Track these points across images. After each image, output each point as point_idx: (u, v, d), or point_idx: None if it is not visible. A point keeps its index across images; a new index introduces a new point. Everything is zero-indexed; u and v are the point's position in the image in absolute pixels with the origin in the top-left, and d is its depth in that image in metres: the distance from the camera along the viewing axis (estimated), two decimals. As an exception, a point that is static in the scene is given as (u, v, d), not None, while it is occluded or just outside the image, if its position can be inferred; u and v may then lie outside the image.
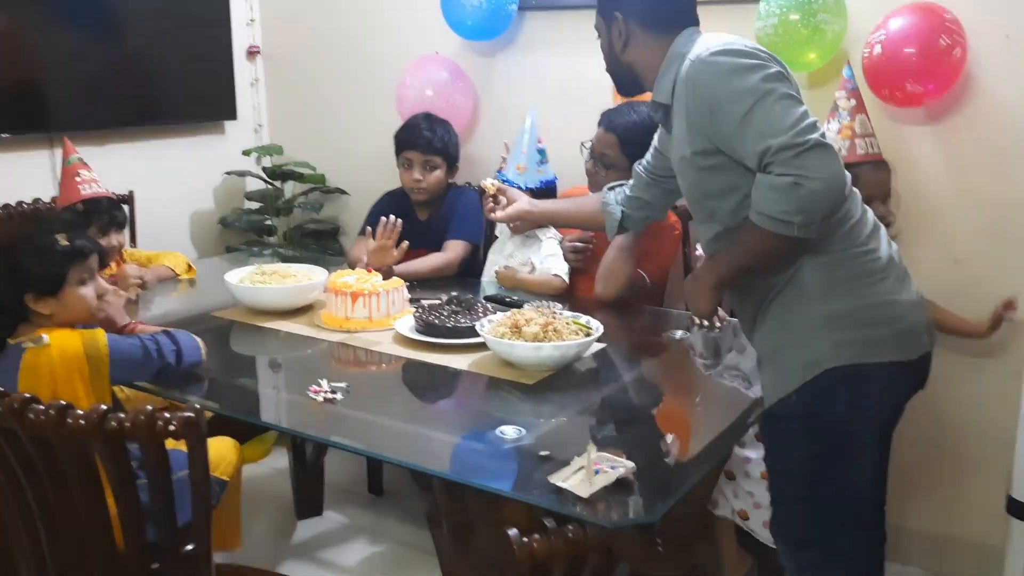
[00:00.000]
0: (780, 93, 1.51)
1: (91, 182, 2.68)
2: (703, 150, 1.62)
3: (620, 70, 1.83)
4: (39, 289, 1.76)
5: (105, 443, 1.22)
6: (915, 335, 1.63)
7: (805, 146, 1.46)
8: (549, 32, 3.04)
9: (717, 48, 1.58)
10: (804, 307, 1.61)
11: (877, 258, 1.61)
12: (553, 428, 1.72)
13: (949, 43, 2.26)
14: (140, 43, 3.25)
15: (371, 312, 2.23)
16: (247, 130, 3.69)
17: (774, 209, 1.49)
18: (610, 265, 2.44)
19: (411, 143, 2.81)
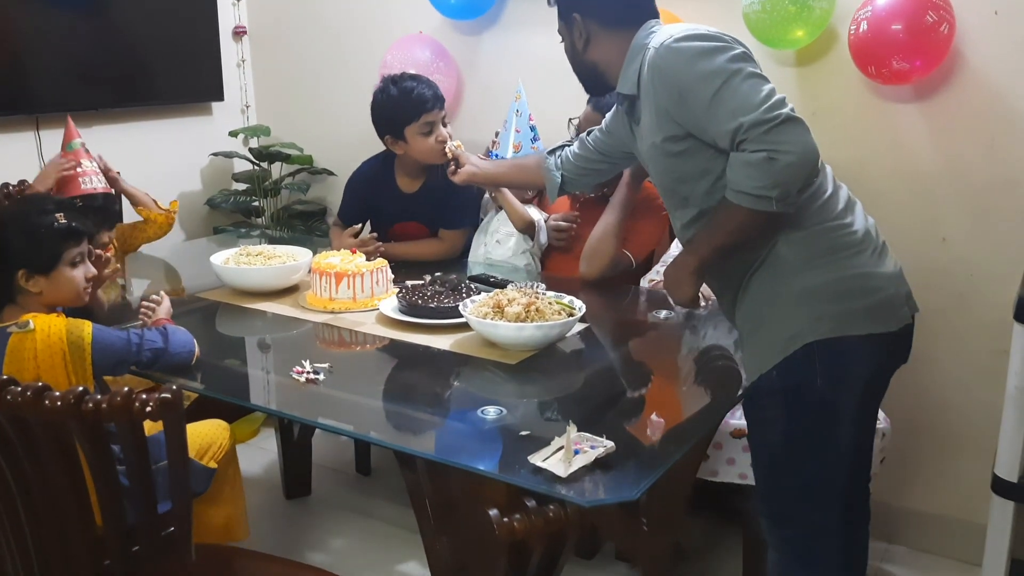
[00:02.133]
0: (747, 72, 1.53)
1: (93, 175, 2.59)
2: (672, 136, 1.63)
3: (585, 70, 1.85)
4: (33, 266, 1.76)
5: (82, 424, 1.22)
6: (894, 307, 1.64)
7: (776, 120, 1.47)
8: (533, 11, 3.02)
9: (680, 34, 1.59)
10: (781, 283, 1.62)
11: (853, 232, 1.62)
12: (535, 408, 1.73)
13: (936, 19, 2.25)
14: (126, 23, 3.23)
15: (355, 293, 2.23)
16: (234, 111, 3.67)
17: (751, 185, 1.50)
18: (595, 244, 2.44)
19: (426, 105, 2.55)
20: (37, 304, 1.79)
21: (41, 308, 1.79)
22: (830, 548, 1.71)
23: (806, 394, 1.61)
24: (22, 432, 1.25)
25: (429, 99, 2.56)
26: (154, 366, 1.80)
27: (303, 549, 2.58)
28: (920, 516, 2.61)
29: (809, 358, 1.58)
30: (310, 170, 3.54)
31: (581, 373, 1.93)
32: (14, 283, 1.77)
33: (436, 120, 2.57)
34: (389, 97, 2.61)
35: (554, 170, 2.23)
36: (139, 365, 1.79)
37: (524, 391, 1.79)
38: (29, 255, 1.77)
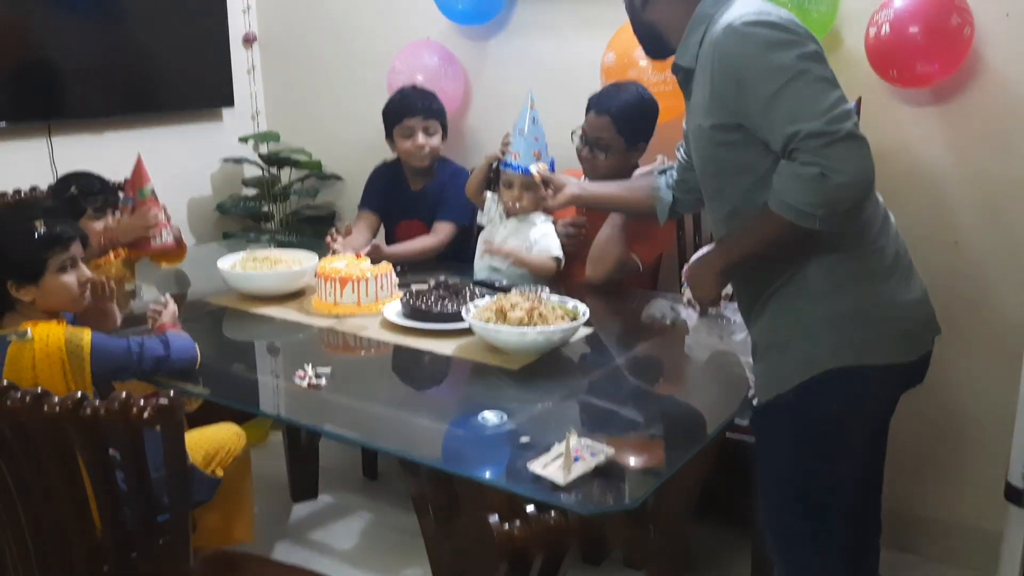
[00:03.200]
0: (815, 75, 1.42)
1: (164, 227, 2.53)
2: (722, 124, 1.53)
3: (643, 30, 1.72)
4: (18, 276, 1.76)
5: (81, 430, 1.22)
6: (916, 336, 1.59)
7: (836, 135, 1.38)
8: (541, 16, 3.01)
9: (752, 18, 1.46)
10: (805, 304, 1.55)
11: (884, 256, 1.56)
12: (536, 414, 1.71)
13: (960, 21, 2.21)
14: (138, 31, 3.25)
15: (359, 297, 2.23)
16: (244, 117, 3.69)
17: (797, 199, 1.42)
18: (601, 247, 2.43)
19: (410, 110, 2.81)
20: (36, 311, 1.79)
21: (41, 315, 1.79)
22: (838, 564, 1.67)
23: (821, 419, 1.57)
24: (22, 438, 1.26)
25: (414, 106, 2.80)
26: (156, 373, 1.80)
27: (309, 553, 2.58)
28: (933, 524, 2.57)
29: (828, 384, 1.53)
30: (319, 175, 3.55)
31: (585, 378, 1.92)
32: (8, 292, 1.77)
33: (416, 126, 2.80)
34: (389, 100, 2.88)
35: (664, 190, 2.09)
36: (141, 373, 1.79)
37: (526, 397, 1.78)
38: (13, 265, 1.76)
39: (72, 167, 2.78)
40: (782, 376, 1.58)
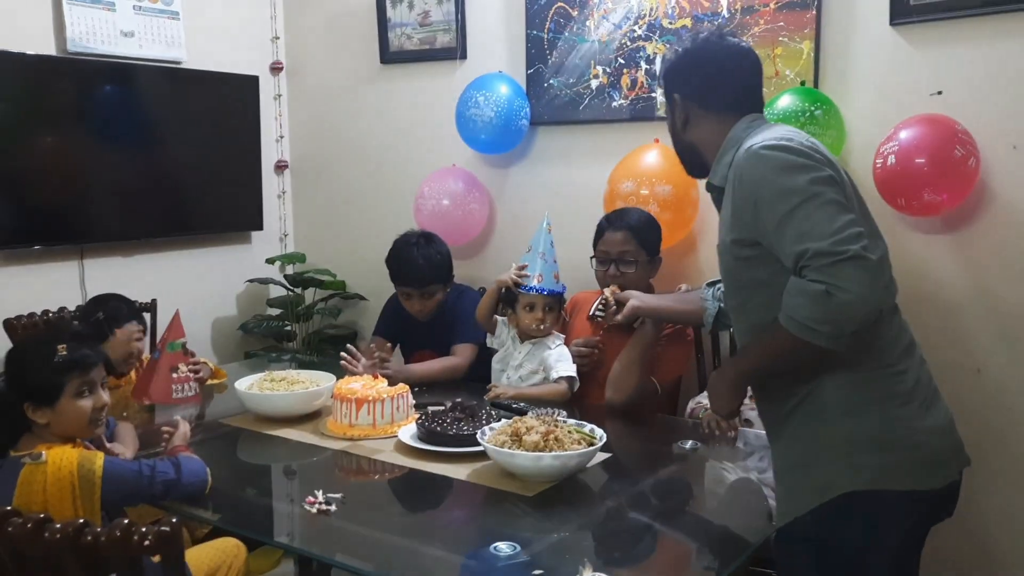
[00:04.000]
0: (827, 198, 1.46)
1: (185, 382, 2.54)
2: (741, 240, 1.58)
3: (684, 149, 1.80)
4: (35, 398, 1.77)
5: (80, 558, 1.21)
6: (939, 463, 1.55)
7: (843, 256, 1.40)
8: (559, 145, 3.12)
9: (771, 142, 1.54)
10: (822, 426, 1.54)
11: (904, 380, 1.54)
12: (551, 544, 1.65)
13: (964, 153, 2.26)
14: (174, 159, 3.39)
15: (375, 419, 2.21)
16: (272, 239, 3.79)
17: (803, 315, 1.44)
18: (621, 371, 2.42)
19: (407, 280, 2.83)
20: (50, 434, 1.79)
21: (55, 438, 1.79)
22: None
23: (840, 545, 1.53)
24: (21, 565, 1.24)
25: (410, 278, 2.82)
26: (166, 497, 1.78)
27: None
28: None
29: (845, 508, 1.51)
30: (342, 295, 3.61)
31: (602, 506, 1.87)
32: (25, 414, 1.78)
33: (413, 294, 2.83)
34: (391, 254, 2.91)
35: (711, 300, 2.18)
36: (151, 497, 1.77)
37: (541, 526, 1.73)
38: (30, 387, 1.77)
39: (102, 288, 2.86)
40: (800, 499, 1.55)
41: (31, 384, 1.77)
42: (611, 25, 2.91)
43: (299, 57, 3.77)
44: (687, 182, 2.77)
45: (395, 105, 3.51)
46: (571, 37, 2.99)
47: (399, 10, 3.39)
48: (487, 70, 3.14)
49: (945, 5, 2.39)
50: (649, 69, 2.85)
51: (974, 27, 2.37)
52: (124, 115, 3.24)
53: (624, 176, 2.82)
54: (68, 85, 3.06)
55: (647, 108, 2.88)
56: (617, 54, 2.91)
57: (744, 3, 2.67)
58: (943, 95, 2.42)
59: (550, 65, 3.05)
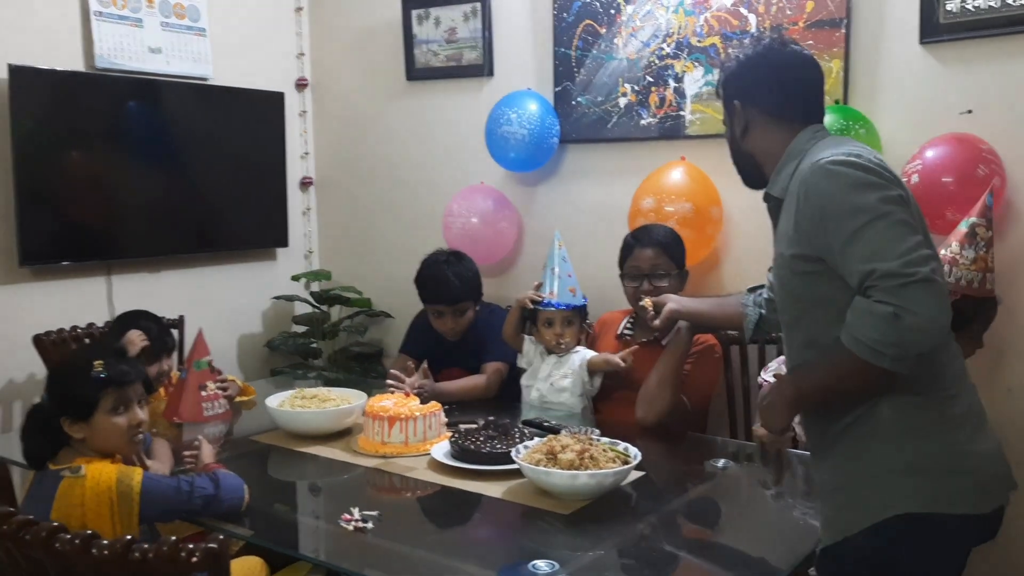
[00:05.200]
0: (897, 218, 1.44)
1: (215, 399, 2.55)
2: (803, 255, 1.55)
3: (742, 159, 1.77)
4: (71, 413, 1.78)
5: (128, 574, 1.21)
6: (991, 488, 1.54)
7: (913, 278, 1.38)
8: (587, 163, 3.13)
9: (841, 157, 1.51)
10: (879, 446, 1.52)
11: (957, 404, 1.54)
12: (590, 562, 1.65)
13: (987, 172, 2.26)
14: (199, 175, 3.41)
15: (407, 437, 2.21)
16: (298, 256, 3.81)
17: (869, 336, 1.42)
18: (652, 390, 2.41)
19: (439, 298, 2.83)
20: (88, 449, 1.80)
21: (93, 453, 1.80)
22: None
23: (891, 566, 1.51)
24: (69, 581, 1.24)
25: (442, 296, 2.81)
26: (204, 513, 1.78)
27: None
28: None
29: (900, 530, 1.49)
30: (368, 313, 3.62)
31: (637, 524, 1.86)
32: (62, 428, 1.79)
33: (445, 311, 2.83)
34: (420, 273, 2.91)
35: (751, 307, 2.14)
36: (189, 513, 1.77)
37: (578, 543, 1.72)
38: (67, 402, 1.78)
39: (128, 304, 2.87)
40: (850, 519, 1.53)
41: (67, 398, 1.79)
42: (639, 43, 2.92)
43: (325, 73, 3.80)
44: (708, 200, 2.77)
45: (421, 122, 3.53)
46: (599, 55, 3.00)
47: (425, 27, 3.42)
48: (514, 87, 3.15)
49: (974, 24, 2.39)
50: (678, 87, 2.86)
51: (1004, 46, 2.38)
52: (151, 131, 3.26)
53: (646, 193, 2.83)
54: (96, 101, 3.09)
55: (675, 126, 2.89)
56: (645, 72, 2.92)
57: (773, 21, 2.68)
58: (973, 114, 2.41)
59: (578, 83, 3.06)
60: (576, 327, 2.63)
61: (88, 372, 1.80)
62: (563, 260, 2.62)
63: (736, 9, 2.74)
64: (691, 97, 2.85)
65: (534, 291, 2.62)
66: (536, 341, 2.67)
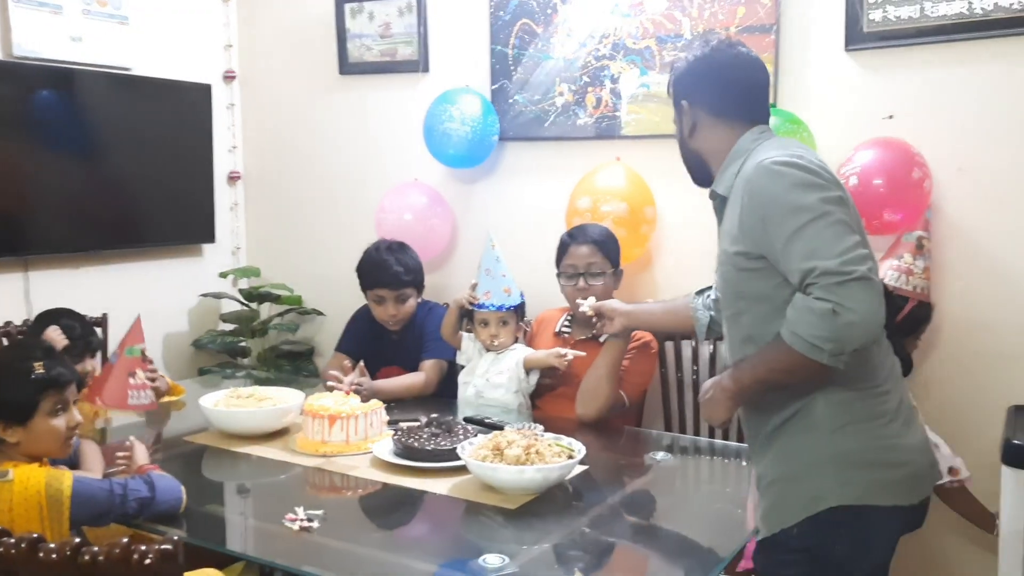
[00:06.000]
0: (836, 218, 1.49)
1: (141, 388, 2.47)
2: (746, 252, 1.60)
3: (690, 157, 1.80)
4: (7, 417, 1.70)
5: (74, 578, 1.16)
6: (919, 480, 1.61)
7: (850, 276, 1.44)
8: (523, 161, 3.15)
9: (784, 158, 1.56)
10: (813, 440, 1.58)
11: (889, 400, 1.59)
12: (538, 555, 1.66)
13: (921, 175, 2.37)
14: (121, 168, 3.30)
15: (348, 435, 2.19)
16: (225, 253, 3.72)
17: (808, 332, 1.47)
18: (591, 386, 2.44)
19: (381, 281, 2.82)
20: (18, 453, 1.73)
21: (22, 457, 1.72)
22: None
23: (826, 556, 1.57)
24: (10, 587, 1.19)
25: (385, 278, 2.81)
26: (140, 516, 1.72)
27: None
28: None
29: (832, 521, 1.55)
30: (299, 310, 3.56)
31: (583, 517, 1.88)
32: None
33: (387, 296, 2.82)
34: (363, 260, 2.90)
35: (701, 310, 2.14)
36: (123, 516, 1.71)
37: (526, 537, 1.73)
38: (3, 405, 1.71)
39: (47, 302, 2.77)
40: (786, 511, 1.59)
41: (5, 401, 1.71)
42: (576, 43, 2.96)
43: (253, 66, 3.72)
44: (643, 200, 2.83)
45: (354, 117, 3.49)
46: (536, 54, 3.03)
47: (359, 20, 3.38)
48: (450, 84, 3.15)
49: (896, 33, 2.50)
50: (614, 88, 2.91)
51: (924, 54, 2.49)
52: (71, 122, 3.14)
53: (582, 193, 2.87)
54: (13, 91, 2.96)
55: (611, 127, 2.93)
56: (582, 72, 2.95)
57: (706, 25, 2.75)
58: (894, 119, 2.52)
59: (515, 81, 3.07)
60: (512, 326, 2.64)
61: (26, 374, 1.73)
62: (496, 260, 2.63)
63: (670, 13, 2.80)
64: (627, 98, 2.90)
65: (470, 291, 2.63)
66: (475, 338, 2.68)
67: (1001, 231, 2.44)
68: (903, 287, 2.36)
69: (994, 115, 2.42)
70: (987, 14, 2.37)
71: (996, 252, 2.45)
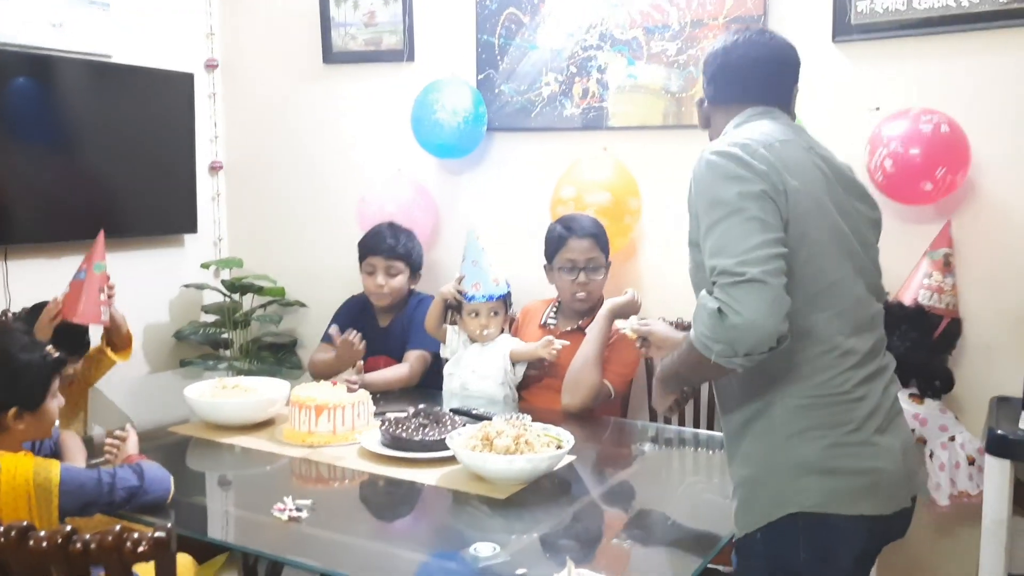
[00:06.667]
0: (749, 215, 1.44)
1: (108, 304, 2.47)
2: (695, 243, 1.57)
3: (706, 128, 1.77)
4: (24, 404, 1.71)
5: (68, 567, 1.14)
6: (889, 489, 1.53)
7: (742, 277, 1.39)
8: (509, 152, 3.14)
9: (724, 148, 1.52)
10: (772, 445, 1.53)
11: (860, 407, 1.52)
12: (528, 544, 1.67)
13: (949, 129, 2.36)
14: (102, 157, 3.25)
15: (335, 426, 2.18)
16: (207, 243, 3.68)
17: (699, 331, 1.44)
18: (576, 376, 2.44)
19: (374, 249, 2.84)
20: (10, 441, 1.71)
21: (11, 446, 1.71)
22: None
23: (787, 564, 1.53)
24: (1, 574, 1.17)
25: (380, 245, 2.84)
26: (127, 506, 1.71)
27: None
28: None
29: (792, 528, 1.51)
30: (282, 302, 3.53)
31: (571, 507, 1.88)
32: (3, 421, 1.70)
33: (378, 266, 2.84)
34: (365, 233, 2.94)
35: None
36: (111, 506, 1.70)
37: (516, 527, 1.74)
38: (22, 394, 1.71)
39: (26, 291, 2.72)
40: (750, 515, 1.56)
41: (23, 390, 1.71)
42: (563, 33, 2.94)
43: (236, 54, 3.68)
44: (627, 191, 2.82)
45: (338, 107, 3.45)
46: (522, 44, 3.01)
47: (343, 9, 3.35)
48: (436, 74, 3.12)
49: (884, 24, 2.51)
50: (601, 79, 2.90)
51: (911, 46, 2.50)
52: (50, 110, 3.08)
53: (567, 182, 2.86)
54: (-9, 77, 2.91)
55: (598, 118, 2.93)
56: (569, 63, 2.95)
57: (694, 16, 2.75)
58: (880, 111, 2.54)
59: (501, 71, 3.06)
60: (501, 316, 2.64)
61: (41, 359, 1.74)
62: (481, 251, 2.63)
63: (658, 3, 2.80)
64: (614, 89, 2.89)
65: (456, 284, 2.62)
66: (460, 330, 2.68)
67: (979, 224, 2.46)
68: (936, 305, 2.37)
69: (980, 107, 2.44)
70: (973, 6, 2.39)
71: (977, 244, 2.46)
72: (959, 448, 2.33)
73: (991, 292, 2.46)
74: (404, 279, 2.87)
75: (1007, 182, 2.44)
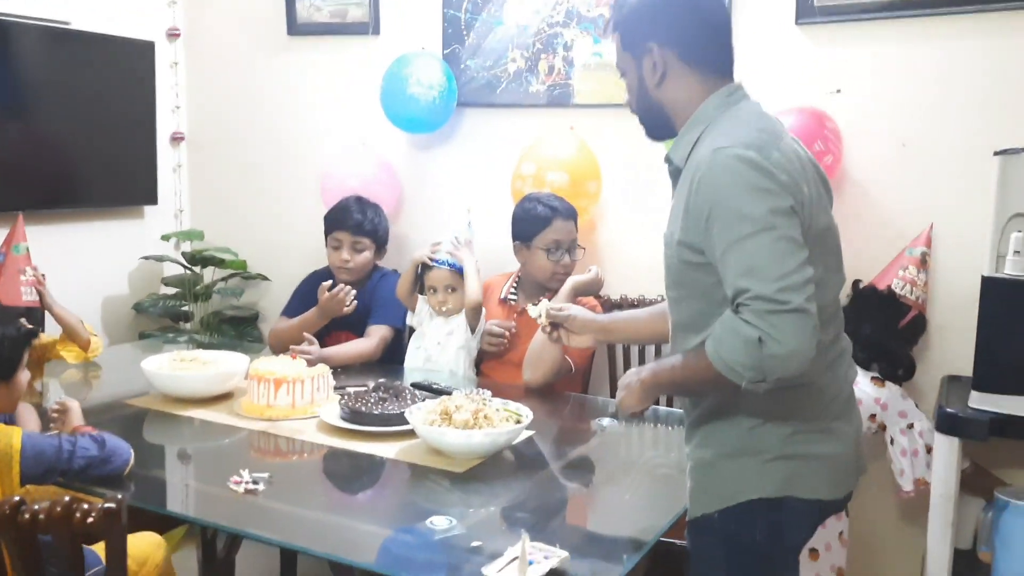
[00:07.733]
0: (781, 233, 1.36)
1: (32, 285, 2.51)
2: (690, 244, 1.47)
3: (651, 109, 1.60)
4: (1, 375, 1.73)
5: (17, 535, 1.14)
6: (842, 475, 1.56)
7: (785, 307, 1.33)
8: (475, 127, 3.12)
9: (741, 151, 1.40)
10: (733, 432, 1.53)
11: (822, 395, 1.52)
12: (484, 517, 1.69)
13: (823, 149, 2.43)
14: (59, 126, 3.18)
15: (294, 399, 2.17)
16: (167, 215, 3.63)
17: (730, 356, 1.37)
18: (538, 351, 2.45)
19: (340, 224, 2.83)
20: None
21: None
22: None
23: (744, 545, 1.55)
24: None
25: (346, 220, 2.83)
26: (84, 475, 1.69)
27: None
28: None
29: (750, 513, 1.52)
30: (244, 275, 3.50)
31: (528, 481, 1.90)
32: None
33: (343, 240, 2.84)
34: (332, 207, 2.91)
35: None
36: (68, 474, 1.68)
37: (472, 500, 1.75)
38: None
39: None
40: (707, 498, 1.57)
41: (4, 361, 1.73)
42: (529, 10, 2.93)
43: (198, 24, 3.61)
44: (586, 174, 2.82)
45: (302, 79, 3.41)
46: (489, 19, 2.99)
47: (308, -20, 3.30)
48: (402, 47, 3.09)
49: (846, 8, 2.54)
50: (566, 56, 2.90)
51: (873, 29, 2.53)
52: (6, 78, 3.01)
53: (528, 158, 2.85)
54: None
55: (563, 95, 2.92)
56: (535, 39, 2.93)
57: (660, -5, 2.74)
58: (841, 93, 2.57)
59: (467, 46, 3.04)
60: (459, 292, 2.64)
61: (16, 330, 1.76)
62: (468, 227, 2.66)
63: (624, -19, 2.79)
64: (580, 66, 2.89)
65: (431, 249, 2.64)
66: (429, 303, 2.68)
67: (940, 204, 2.50)
68: (908, 296, 2.42)
69: (939, 91, 2.47)
70: (935, -9, 2.42)
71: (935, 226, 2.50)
72: (917, 436, 2.39)
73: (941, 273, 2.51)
74: (369, 255, 2.86)
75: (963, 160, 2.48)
